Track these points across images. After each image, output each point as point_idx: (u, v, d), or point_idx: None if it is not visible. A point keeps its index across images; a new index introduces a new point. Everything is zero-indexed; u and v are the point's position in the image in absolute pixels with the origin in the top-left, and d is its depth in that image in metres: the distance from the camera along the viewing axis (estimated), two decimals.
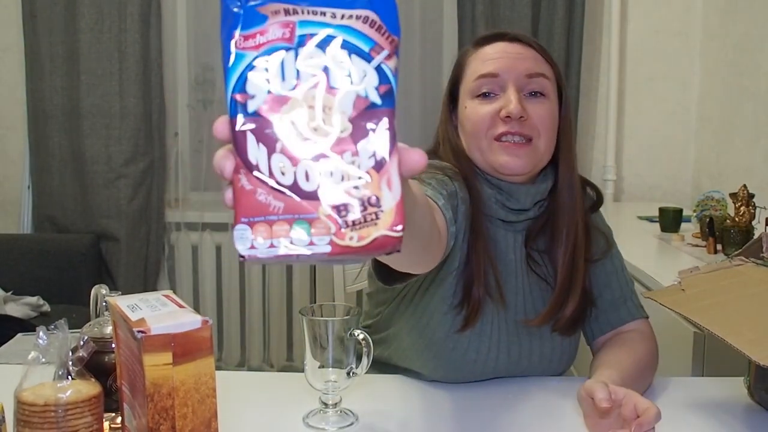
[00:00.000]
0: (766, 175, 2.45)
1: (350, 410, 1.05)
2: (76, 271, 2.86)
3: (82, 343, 0.83)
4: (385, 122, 0.49)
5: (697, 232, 2.23)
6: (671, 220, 2.34)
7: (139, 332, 0.74)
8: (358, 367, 1.02)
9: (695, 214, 2.26)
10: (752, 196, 1.98)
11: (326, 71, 0.49)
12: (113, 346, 0.86)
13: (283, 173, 0.48)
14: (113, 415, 0.91)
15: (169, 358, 0.74)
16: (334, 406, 1.04)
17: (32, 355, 0.82)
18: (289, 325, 3.21)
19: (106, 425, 0.89)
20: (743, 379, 1.12)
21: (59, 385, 0.81)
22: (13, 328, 1.96)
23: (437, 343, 1.15)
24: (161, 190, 3.13)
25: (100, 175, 3.04)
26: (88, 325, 0.99)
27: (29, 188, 3.11)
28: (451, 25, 3.07)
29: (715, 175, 2.90)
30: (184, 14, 3.13)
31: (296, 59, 0.49)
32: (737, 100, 2.71)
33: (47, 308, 2.64)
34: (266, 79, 0.49)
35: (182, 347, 0.75)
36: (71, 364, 0.82)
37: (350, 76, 0.49)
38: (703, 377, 1.54)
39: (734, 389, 1.14)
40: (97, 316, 1.01)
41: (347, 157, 0.49)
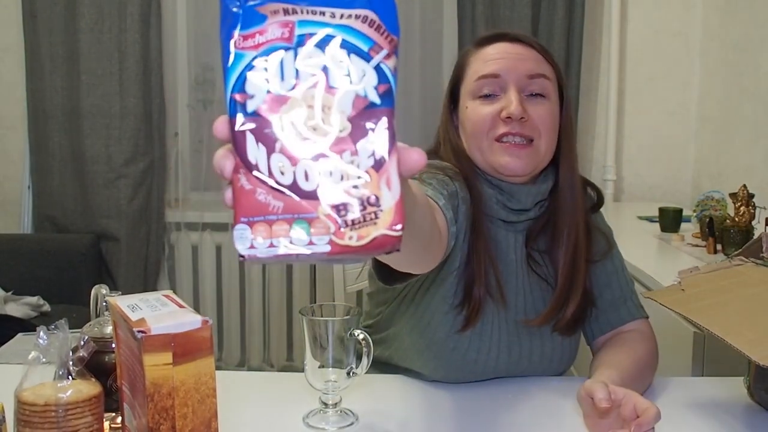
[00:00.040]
0: (766, 175, 2.45)
1: (350, 410, 1.05)
2: (76, 271, 2.86)
3: (82, 343, 0.83)
4: (384, 122, 0.49)
5: (697, 232, 2.23)
6: (671, 220, 2.34)
7: (139, 332, 0.74)
8: (358, 367, 1.02)
9: (695, 214, 2.26)
10: (752, 196, 1.98)
11: (325, 71, 0.49)
12: (113, 346, 0.86)
13: (282, 173, 0.48)
14: (113, 415, 0.91)
15: (169, 358, 0.74)
16: (334, 406, 1.04)
17: (32, 355, 0.82)
18: (289, 325, 3.21)
19: (106, 425, 0.89)
20: (743, 379, 1.11)
21: (59, 385, 0.81)
22: (13, 328, 1.96)
23: (438, 343, 1.15)
24: (161, 190, 3.13)
25: (100, 175, 3.04)
26: (88, 325, 0.99)
27: (29, 188, 3.12)
28: (451, 25, 3.07)
29: (715, 175, 2.90)
30: (184, 14, 3.13)
31: (295, 59, 0.49)
32: (737, 100, 2.71)
33: (47, 308, 2.64)
34: (265, 78, 0.49)
35: (182, 347, 0.75)
36: (71, 364, 0.82)
37: (349, 75, 0.49)
38: (703, 377, 1.54)
39: (734, 389, 1.14)
40: (97, 316, 1.01)
41: (346, 156, 0.48)
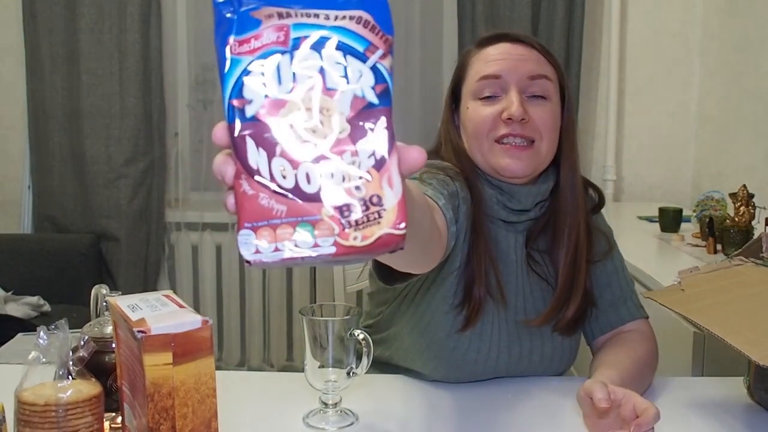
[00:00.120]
0: (766, 175, 2.45)
1: (350, 410, 1.05)
2: (76, 271, 2.86)
3: (82, 343, 0.83)
4: (383, 121, 0.49)
5: (697, 232, 2.23)
6: (671, 220, 2.34)
7: (139, 332, 0.74)
8: (358, 367, 1.02)
9: (695, 214, 2.26)
10: (752, 196, 1.98)
11: (322, 73, 0.49)
12: (113, 346, 0.86)
13: (284, 176, 0.48)
14: (113, 415, 0.91)
15: (169, 358, 0.75)
16: (334, 406, 1.04)
17: (33, 355, 0.82)
18: (289, 325, 3.21)
19: (106, 425, 0.89)
20: (743, 379, 1.12)
21: (60, 384, 0.81)
22: (13, 328, 1.96)
23: (438, 342, 1.15)
24: (161, 190, 3.13)
25: (100, 175, 3.04)
26: (88, 325, 0.99)
27: (29, 188, 3.12)
28: (451, 25, 3.07)
29: (715, 175, 2.90)
30: (184, 14, 3.13)
31: (292, 62, 0.49)
32: (737, 100, 2.71)
33: (47, 308, 2.64)
34: (263, 83, 0.49)
35: (182, 347, 0.75)
36: (72, 363, 0.82)
37: (346, 76, 0.49)
38: (703, 377, 1.54)
39: (734, 389, 1.14)
40: (97, 316, 1.01)
41: (347, 157, 0.49)
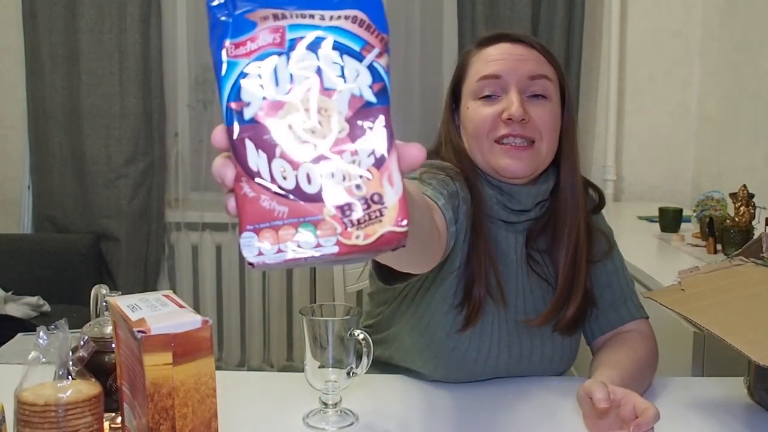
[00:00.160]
0: (766, 175, 2.45)
1: (350, 410, 1.05)
2: (76, 271, 2.86)
3: (82, 343, 0.83)
4: (381, 120, 0.49)
5: (697, 232, 2.23)
6: (671, 220, 2.34)
7: (139, 332, 0.74)
8: (358, 367, 1.02)
9: (695, 214, 2.26)
10: (752, 196, 1.98)
11: (319, 73, 0.49)
12: (113, 346, 0.86)
13: (284, 178, 0.48)
14: (113, 415, 0.91)
15: (169, 358, 0.74)
16: (334, 406, 1.04)
17: (32, 355, 0.82)
18: (289, 325, 3.21)
19: (106, 425, 0.89)
20: (743, 379, 1.11)
21: (59, 385, 0.81)
22: (13, 328, 1.96)
23: (438, 342, 1.15)
24: (161, 190, 3.13)
25: (100, 175, 3.04)
26: (88, 325, 0.99)
27: (29, 188, 3.12)
28: (451, 25, 3.07)
29: (715, 175, 2.90)
30: (184, 14, 3.12)
31: (288, 63, 0.49)
32: (737, 100, 2.71)
33: (47, 308, 2.64)
34: (260, 85, 0.49)
35: (182, 347, 0.75)
36: (71, 364, 0.82)
37: (343, 76, 0.49)
38: (703, 377, 1.54)
39: (734, 389, 1.14)
40: (97, 316, 1.01)
41: (347, 156, 0.49)
